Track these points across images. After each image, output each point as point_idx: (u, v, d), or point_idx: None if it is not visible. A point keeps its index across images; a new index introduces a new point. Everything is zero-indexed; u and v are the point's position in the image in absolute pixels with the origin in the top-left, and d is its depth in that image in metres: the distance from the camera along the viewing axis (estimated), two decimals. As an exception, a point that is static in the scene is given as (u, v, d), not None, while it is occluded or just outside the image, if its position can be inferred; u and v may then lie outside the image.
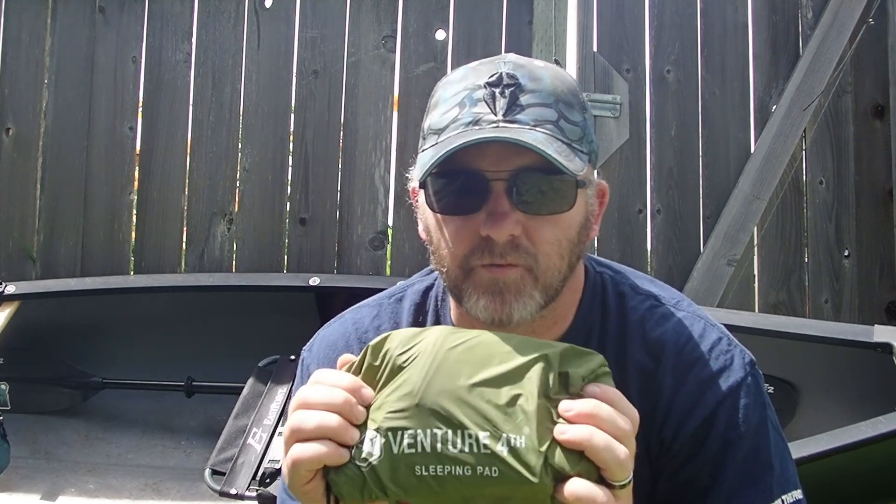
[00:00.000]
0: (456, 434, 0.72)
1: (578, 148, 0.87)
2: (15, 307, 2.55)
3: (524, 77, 0.87)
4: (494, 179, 0.85)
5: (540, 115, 0.86)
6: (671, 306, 0.98)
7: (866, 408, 1.96)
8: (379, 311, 1.04)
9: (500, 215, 0.85)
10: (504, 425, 0.72)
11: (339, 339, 1.03)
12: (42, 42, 3.05)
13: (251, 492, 2.00)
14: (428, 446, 0.72)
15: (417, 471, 0.72)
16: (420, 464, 0.72)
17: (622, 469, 0.72)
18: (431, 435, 0.72)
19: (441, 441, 0.72)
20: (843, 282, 3.11)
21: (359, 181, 3.03)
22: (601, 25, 3.05)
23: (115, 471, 2.51)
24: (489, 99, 0.86)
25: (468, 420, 0.72)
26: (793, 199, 3.09)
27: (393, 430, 0.73)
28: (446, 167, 0.86)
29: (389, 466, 0.72)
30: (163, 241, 3.04)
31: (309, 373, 1.01)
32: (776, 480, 0.92)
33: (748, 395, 0.93)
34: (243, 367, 2.38)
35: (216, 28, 3.07)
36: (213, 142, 3.05)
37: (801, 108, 3.03)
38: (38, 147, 3.04)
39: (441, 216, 0.89)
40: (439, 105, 0.90)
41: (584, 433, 0.71)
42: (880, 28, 3.10)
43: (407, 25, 3.05)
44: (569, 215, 0.88)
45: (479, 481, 0.71)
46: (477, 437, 0.71)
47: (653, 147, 3.06)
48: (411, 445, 0.72)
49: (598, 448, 0.71)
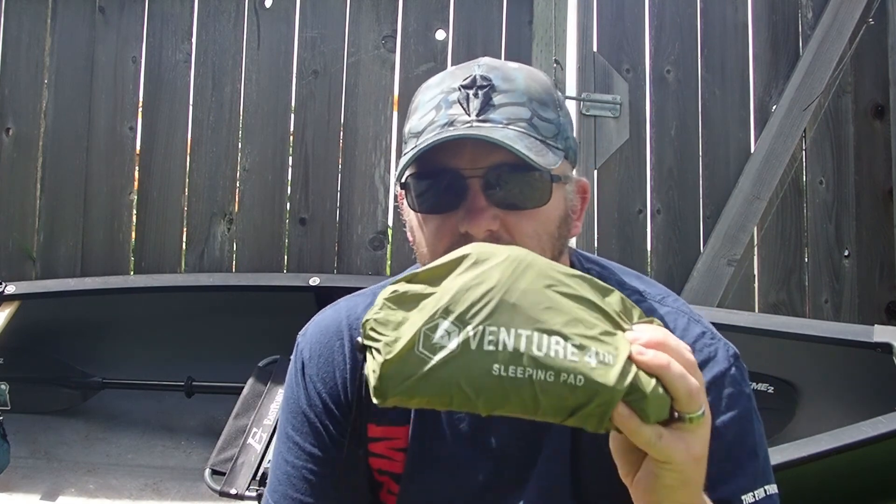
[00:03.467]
0: (542, 337, 0.68)
1: (553, 144, 0.90)
2: (15, 307, 2.55)
3: (497, 78, 0.90)
4: (470, 177, 0.88)
5: (513, 114, 0.88)
6: (656, 301, 1.00)
7: (866, 408, 1.96)
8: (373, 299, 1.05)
9: (476, 211, 0.87)
10: (591, 337, 0.68)
11: (331, 324, 1.04)
12: (42, 42, 3.05)
13: (251, 492, 2.00)
14: (510, 345, 0.67)
15: (495, 370, 0.67)
16: (501, 363, 0.67)
17: (694, 400, 0.71)
18: (516, 335, 0.67)
19: (526, 342, 0.67)
20: (843, 282, 3.11)
21: (359, 181, 3.03)
22: (601, 25, 3.05)
23: (115, 471, 2.51)
24: (463, 100, 0.89)
25: (556, 324, 0.68)
26: (793, 199, 3.09)
27: (470, 318, 0.68)
28: (424, 168, 0.90)
29: (465, 363, 0.67)
30: (163, 241, 3.04)
31: (302, 357, 1.04)
32: (760, 470, 0.93)
33: (732, 384, 0.94)
34: (243, 367, 2.38)
35: (216, 28, 3.07)
36: (213, 142, 3.05)
37: (801, 108, 3.03)
38: (38, 147, 3.04)
39: (421, 216, 0.92)
40: (418, 109, 0.93)
41: (663, 359, 0.70)
42: (880, 28, 3.10)
43: (407, 25, 3.05)
44: (546, 210, 0.90)
45: (560, 389, 0.67)
46: (565, 344, 0.68)
47: (653, 147, 3.06)
48: (492, 343, 0.67)
49: (674, 376, 0.70)
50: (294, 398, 1.03)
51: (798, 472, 0.89)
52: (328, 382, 1.01)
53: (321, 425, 1.00)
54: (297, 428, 1.01)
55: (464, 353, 0.67)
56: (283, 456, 1.02)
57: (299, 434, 1.01)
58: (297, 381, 1.03)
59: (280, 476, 1.01)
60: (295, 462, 1.00)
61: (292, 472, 1.00)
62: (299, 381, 1.03)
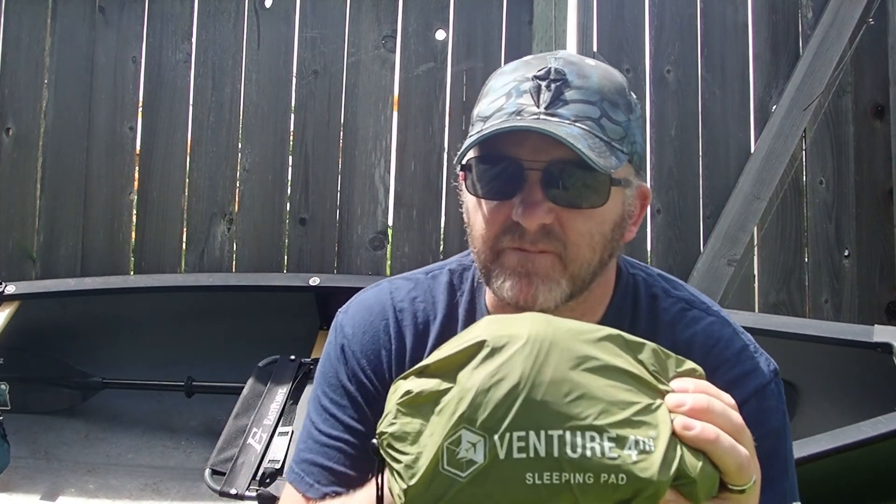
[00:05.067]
0: (575, 436, 0.62)
1: (618, 147, 0.88)
2: (15, 307, 2.55)
3: (572, 73, 0.89)
4: (530, 169, 0.88)
5: (581, 111, 0.87)
6: (702, 310, 1.00)
7: (866, 408, 1.96)
8: (416, 284, 1.06)
9: (532, 204, 0.87)
10: (628, 422, 0.63)
11: (374, 303, 1.05)
12: (42, 42, 3.05)
13: (251, 492, 1.99)
14: (542, 451, 0.61)
15: (529, 479, 0.61)
16: (534, 471, 0.61)
17: (745, 473, 0.67)
18: (546, 437, 0.62)
19: (559, 445, 0.62)
20: (843, 282, 3.11)
21: (359, 181, 3.03)
22: (601, 25, 3.05)
23: (115, 471, 2.51)
24: (534, 91, 0.88)
25: (589, 417, 0.62)
26: (793, 199, 3.09)
27: (499, 430, 0.62)
28: (486, 153, 0.89)
29: (496, 477, 0.62)
30: (163, 241, 3.04)
31: (343, 333, 1.04)
32: (789, 487, 0.93)
33: (772, 398, 0.94)
34: (243, 367, 2.37)
35: (216, 28, 3.07)
36: (213, 142, 3.05)
37: (801, 108, 3.02)
38: (38, 147, 3.04)
39: (478, 199, 0.92)
40: (489, 94, 0.93)
41: (711, 433, 0.66)
42: (880, 28, 3.10)
43: (407, 25, 3.05)
44: (602, 211, 0.89)
45: (601, 489, 0.62)
46: (601, 440, 0.62)
47: (653, 147, 3.06)
48: (522, 450, 0.61)
49: (724, 450, 0.66)
50: (332, 373, 1.03)
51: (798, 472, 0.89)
52: (372, 360, 1.01)
53: (363, 399, 1.00)
54: (336, 402, 1.01)
55: (493, 465, 0.62)
56: (318, 427, 1.02)
57: (338, 407, 1.01)
58: (337, 355, 1.03)
59: (313, 446, 1.01)
60: (331, 432, 1.00)
61: (329, 443, 1.00)
62: (339, 356, 1.03)
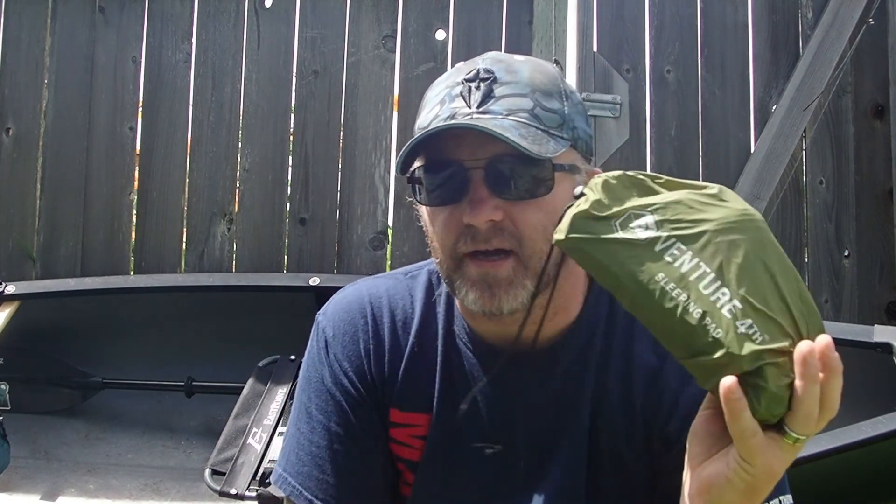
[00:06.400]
0: (714, 280, 0.69)
1: (557, 134, 0.89)
2: (15, 307, 2.55)
3: (500, 71, 0.90)
4: (471, 168, 0.88)
5: (514, 105, 0.88)
6: None
7: (866, 408, 1.95)
8: (395, 283, 1.06)
9: (478, 202, 0.87)
10: (756, 310, 0.68)
11: (353, 301, 1.04)
12: (42, 42, 3.05)
13: (251, 492, 1.99)
14: (685, 269, 0.69)
15: (659, 278, 0.69)
16: (668, 277, 0.69)
17: (809, 425, 0.68)
18: (696, 264, 0.69)
19: (699, 275, 0.69)
20: (843, 282, 3.11)
21: (359, 181, 3.03)
22: (601, 25, 3.05)
23: (115, 471, 2.51)
24: (465, 93, 0.89)
25: (732, 280, 0.68)
26: (793, 199, 3.09)
27: (672, 228, 0.70)
28: (429, 161, 0.90)
29: (641, 255, 0.70)
30: (163, 241, 3.04)
31: (325, 335, 1.03)
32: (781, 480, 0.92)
33: None
34: (243, 367, 2.38)
35: (216, 28, 3.07)
36: (213, 142, 3.05)
37: (801, 108, 3.02)
38: (38, 147, 3.04)
39: (430, 209, 0.93)
40: (426, 105, 0.94)
41: (813, 375, 0.67)
42: (880, 28, 3.10)
43: (407, 25, 3.05)
44: (551, 199, 0.89)
45: (697, 328, 0.68)
46: (730, 299, 0.68)
47: (653, 147, 3.06)
48: (673, 256, 0.70)
49: (809, 395, 0.67)
50: (317, 377, 1.02)
51: (798, 472, 0.89)
52: (353, 361, 1.01)
53: (347, 404, 1.00)
54: (321, 407, 1.01)
55: (647, 247, 0.70)
56: (305, 436, 1.01)
57: (323, 413, 1.00)
58: (321, 359, 1.03)
59: (302, 456, 1.00)
60: (319, 442, 1.00)
61: (316, 452, 0.99)
62: (322, 360, 1.02)
